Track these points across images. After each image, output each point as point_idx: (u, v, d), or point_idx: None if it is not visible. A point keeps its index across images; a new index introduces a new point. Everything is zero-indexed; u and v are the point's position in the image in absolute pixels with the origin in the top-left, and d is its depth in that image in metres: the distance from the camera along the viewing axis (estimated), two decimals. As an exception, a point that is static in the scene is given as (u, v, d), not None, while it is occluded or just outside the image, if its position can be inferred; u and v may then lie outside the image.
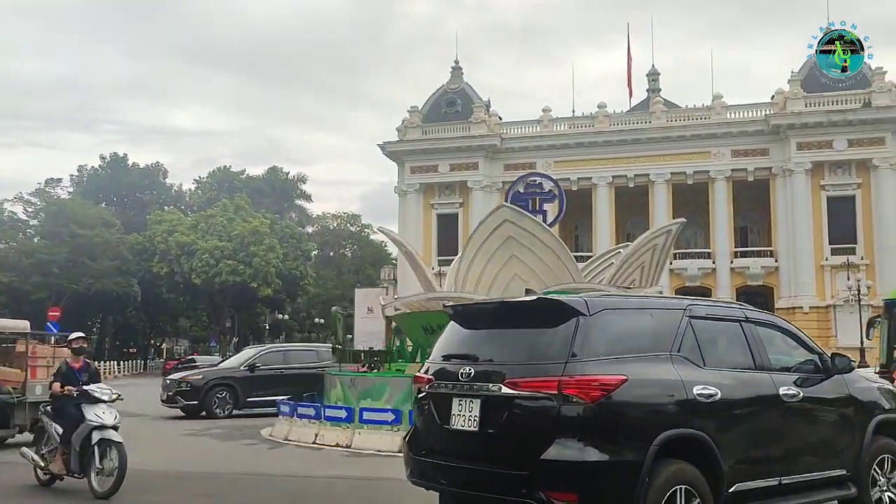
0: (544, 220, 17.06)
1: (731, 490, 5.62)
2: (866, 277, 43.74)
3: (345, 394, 14.27)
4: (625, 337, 5.63)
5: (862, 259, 46.22)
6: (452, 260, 18.11)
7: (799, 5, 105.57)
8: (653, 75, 67.03)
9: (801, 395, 6.29)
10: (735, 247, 50.88)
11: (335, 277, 79.76)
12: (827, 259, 46.91)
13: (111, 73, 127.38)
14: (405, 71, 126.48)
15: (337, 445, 12.72)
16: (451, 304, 7.08)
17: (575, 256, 53.85)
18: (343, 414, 13.16)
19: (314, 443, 13.07)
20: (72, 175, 69.99)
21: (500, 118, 55.65)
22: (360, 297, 44.44)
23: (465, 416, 5.61)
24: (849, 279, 42.58)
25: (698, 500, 5.38)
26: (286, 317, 71.25)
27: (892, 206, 46.06)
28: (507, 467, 5.29)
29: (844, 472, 6.57)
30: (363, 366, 15.07)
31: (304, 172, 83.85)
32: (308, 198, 78.42)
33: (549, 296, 6.04)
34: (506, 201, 17.02)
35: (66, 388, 8.92)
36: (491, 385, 5.48)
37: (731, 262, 49.61)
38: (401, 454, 11.16)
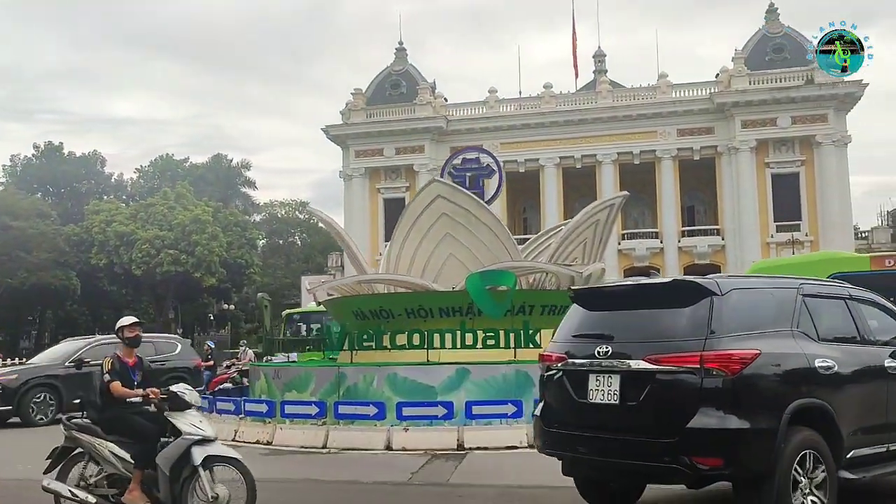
0: (482, 197, 16.28)
1: (848, 456, 6.02)
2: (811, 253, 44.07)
3: (269, 386, 13.37)
4: (752, 314, 6.00)
5: (807, 235, 46.55)
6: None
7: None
8: (599, 57, 66.66)
9: None
10: (682, 226, 50.89)
11: (284, 266, 78.17)
12: (772, 236, 47.14)
13: (49, 61, 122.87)
14: (355, 56, 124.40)
15: (257, 442, 11.84)
16: (574, 287, 7.66)
17: (524, 238, 53.69)
18: (263, 408, 12.28)
19: (234, 440, 12.14)
20: (4, 165, 67.29)
21: (446, 100, 54.75)
22: (307, 285, 43.44)
23: (603, 390, 5.96)
24: (794, 255, 42.76)
25: (823, 465, 5.75)
26: (232, 307, 69.61)
27: (834, 183, 46.42)
28: (652, 436, 5.65)
29: None
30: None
31: (249, 159, 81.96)
32: (252, 185, 76.66)
33: (681, 278, 6.36)
34: (440, 176, 16.18)
35: (148, 391, 6.75)
36: (631, 361, 5.83)
37: (679, 242, 49.59)
38: (325, 450, 10.30)
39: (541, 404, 6.76)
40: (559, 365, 6.41)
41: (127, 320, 7.36)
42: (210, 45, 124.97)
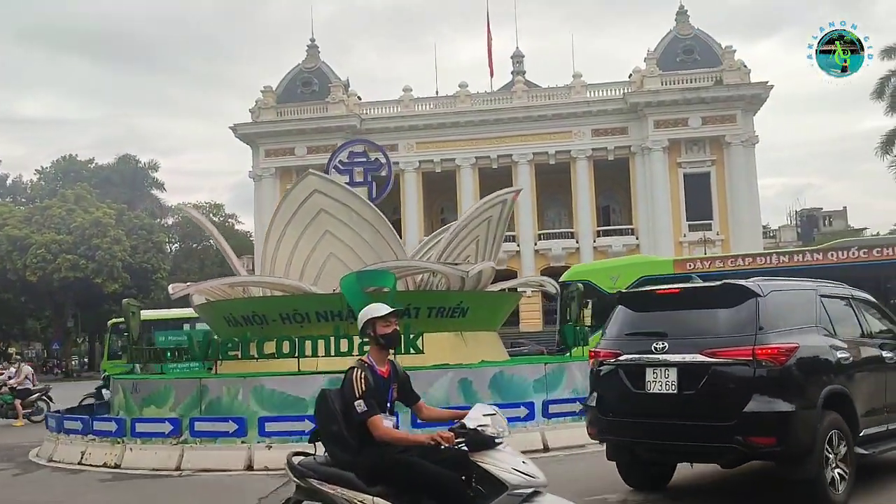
0: (371, 193, 15.24)
1: (860, 434, 6.90)
2: (722, 252, 44.47)
3: (127, 401, 12.00)
4: (787, 313, 6.86)
5: (718, 234, 47.11)
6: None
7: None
8: (517, 57, 66.55)
9: (894, 357, 7.67)
10: (598, 226, 50.91)
11: (198, 270, 75.13)
12: (685, 235, 47.54)
13: None
14: (277, 57, 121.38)
15: (105, 465, 10.48)
16: (623, 291, 8.02)
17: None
18: (112, 426, 10.93)
19: (80, 463, 10.79)
20: None
21: (360, 98, 53.55)
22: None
23: (661, 381, 6.72)
24: (705, 254, 43.12)
25: (845, 442, 6.63)
26: (140, 314, 66.51)
27: (744, 182, 47.10)
28: (711, 420, 6.42)
29: None
30: None
31: (157, 160, 78.69)
32: (161, 186, 73.57)
33: (730, 282, 7.04)
34: (326, 172, 15.05)
35: (437, 435, 4.56)
36: (687, 355, 6.58)
37: (594, 242, 49.54)
38: (177, 472, 9.34)
39: (594, 395, 7.47)
40: (613, 360, 7.17)
41: (380, 309, 5.15)
42: (123, 44, 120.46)
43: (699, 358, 6.52)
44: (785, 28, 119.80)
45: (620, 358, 7.07)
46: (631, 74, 50.63)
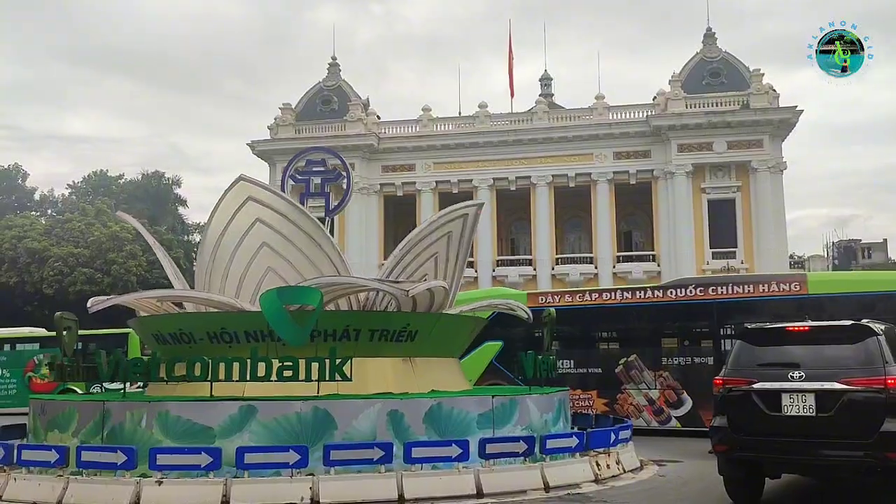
0: (327, 205, 14.25)
1: None
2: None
3: (35, 423, 11.05)
4: (894, 348, 8.26)
5: (742, 263, 45.23)
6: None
7: (685, 22, 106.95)
8: (545, 80, 65.74)
9: None
10: (619, 251, 49.41)
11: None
12: (708, 263, 45.73)
13: (1, 77, 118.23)
14: (313, 81, 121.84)
15: (-13, 497, 9.51)
16: (748, 326, 10.20)
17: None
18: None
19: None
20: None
21: (379, 117, 52.85)
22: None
23: (798, 405, 8.10)
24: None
25: None
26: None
27: (770, 210, 45.30)
28: (850, 438, 7.86)
29: None
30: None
31: (180, 176, 78.79)
32: (184, 203, 73.61)
33: (855, 322, 8.71)
34: (281, 181, 14.11)
35: None
36: (825, 383, 8.01)
37: (614, 267, 47.96)
38: None
39: (722, 418, 8.68)
40: (744, 387, 8.48)
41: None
42: (165, 66, 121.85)
43: (837, 385, 7.93)
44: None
45: (754, 385, 8.39)
46: (655, 97, 49.25)
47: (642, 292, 18.64)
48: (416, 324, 11.88)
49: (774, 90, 46.89)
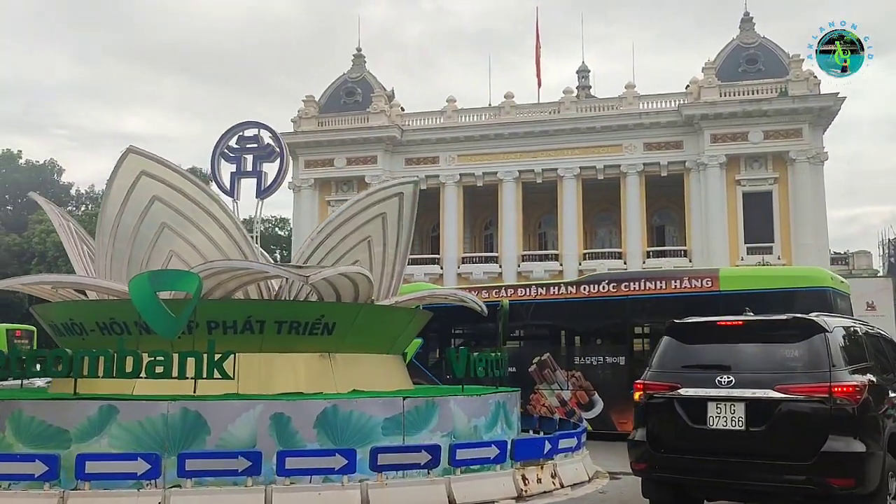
0: (260, 184, 13.02)
1: None
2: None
3: None
4: (847, 350, 6.88)
5: (779, 259, 42.82)
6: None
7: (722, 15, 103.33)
8: (583, 72, 63.92)
9: None
10: (651, 246, 47.38)
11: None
12: (742, 259, 43.41)
13: (58, 76, 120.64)
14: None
15: None
16: (674, 321, 7.65)
17: (485, 257, 50.12)
18: None
19: None
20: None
21: (403, 109, 51.67)
22: None
23: (726, 417, 6.70)
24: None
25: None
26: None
27: (809, 202, 42.84)
28: (786, 459, 6.44)
29: None
30: None
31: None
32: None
33: (798, 315, 7.15)
34: (212, 159, 12.95)
35: None
36: (757, 390, 6.60)
37: (644, 263, 45.81)
38: None
39: (642, 430, 7.28)
40: (669, 393, 7.04)
41: None
42: (218, 62, 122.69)
43: (771, 394, 6.53)
44: (892, 50, 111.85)
45: (678, 391, 7.00)
46: (688, 85, 47.03)
47: (556, 288, 17.90)
48: (332, 315, 10.58)
49: (815, 77, 44.15)
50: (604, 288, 16.98)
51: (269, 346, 10.23)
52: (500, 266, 47.33)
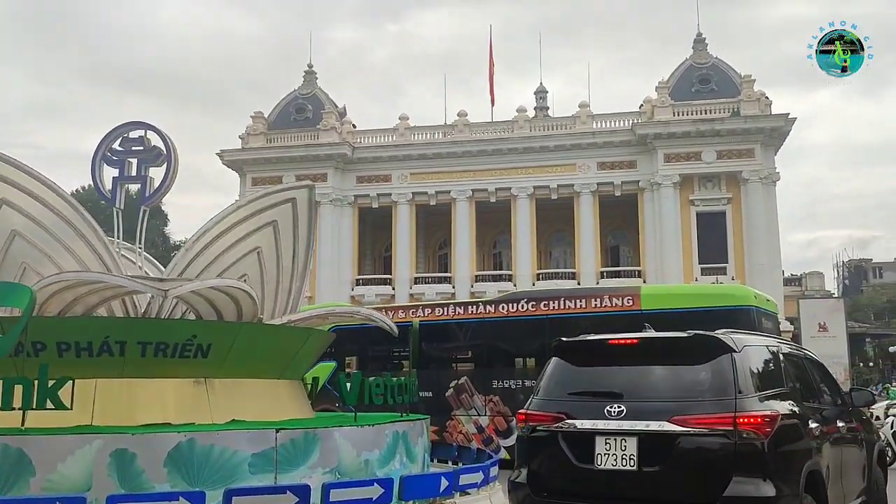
0: (145, 189, 11.75)
1: None
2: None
3: None
4: (759, 373, 5.89)
5: (733, 279, 42.31)
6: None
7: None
8: (540, 93, 63.48)
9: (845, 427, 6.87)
10: (605, 266, 46.74)
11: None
12: (697, 279, 42.88)
13: (19, 95, 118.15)
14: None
15: None
16: (562, 339, 6.79)
17: (439, 277, 48.95)
18: None
19: None
20: None
21: (354, 126, 50.67)
22: None
23: (616, 454, 5.68)
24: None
25: None
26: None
27: (762, 223, 42.56)
28: None
29: None
30: None
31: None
32: (165, 220, 71.53)
33: (701, 333, 5.99)
34: (92, 163, 11.71)
35: None
36: (651, 422, 5.57)
37: (598, 283, 45.14)
38: None
39: (523, 470, 6.46)
40: (553, 426, 6.12)
41: None
42: (183, 83, 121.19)
43: (666, 427, 5.54)
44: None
45: (562, 423, 6.07)
46: (641, 105, 46.73)
47: (474, 307, 17.26)
48: (205, 335, 9.32)
49: (767, 97, 44.25)
50: (522, 307, 16.15)
51: (131, 371, 8.94)
52: (454, 286, 46.33)
